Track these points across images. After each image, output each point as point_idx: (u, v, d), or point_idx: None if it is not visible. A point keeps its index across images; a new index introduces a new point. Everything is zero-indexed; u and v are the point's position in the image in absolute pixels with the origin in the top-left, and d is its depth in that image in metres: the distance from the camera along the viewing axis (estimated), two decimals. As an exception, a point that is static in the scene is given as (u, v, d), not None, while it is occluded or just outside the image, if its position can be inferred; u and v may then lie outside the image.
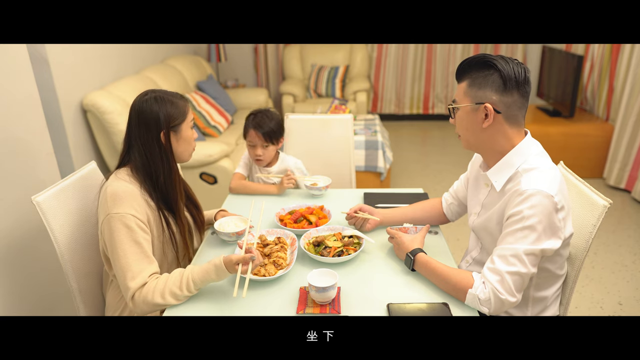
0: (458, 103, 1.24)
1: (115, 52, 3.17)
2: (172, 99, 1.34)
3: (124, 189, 1.27)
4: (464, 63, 1.22)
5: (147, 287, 1.20)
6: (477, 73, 1.19)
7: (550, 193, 1.11)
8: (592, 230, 1.27)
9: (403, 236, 1.36)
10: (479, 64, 1.19)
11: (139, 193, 1.30)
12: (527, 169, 1.17)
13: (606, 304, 2.32)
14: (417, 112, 5.61)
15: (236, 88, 5.03)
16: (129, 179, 1.32)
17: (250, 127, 1.89)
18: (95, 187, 1.56)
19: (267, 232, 1.49)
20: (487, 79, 1.17)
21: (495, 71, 1.16)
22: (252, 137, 1.89)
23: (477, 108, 1.19)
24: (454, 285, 1.19)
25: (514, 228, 1.13)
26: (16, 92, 1.64)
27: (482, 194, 1.33)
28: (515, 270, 1.11)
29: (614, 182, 3.55)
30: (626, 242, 2.87)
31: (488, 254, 1.32)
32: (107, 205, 1.26)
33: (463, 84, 1.22)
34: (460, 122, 1.26)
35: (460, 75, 1.23)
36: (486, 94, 1.18)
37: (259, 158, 1.91)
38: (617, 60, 3.67)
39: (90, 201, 1.52)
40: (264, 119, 1.88)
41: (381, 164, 3.21)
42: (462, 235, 2.91)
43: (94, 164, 1.60)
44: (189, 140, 1.40)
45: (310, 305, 1.18)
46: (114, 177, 1.32)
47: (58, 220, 1.36)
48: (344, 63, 5.24)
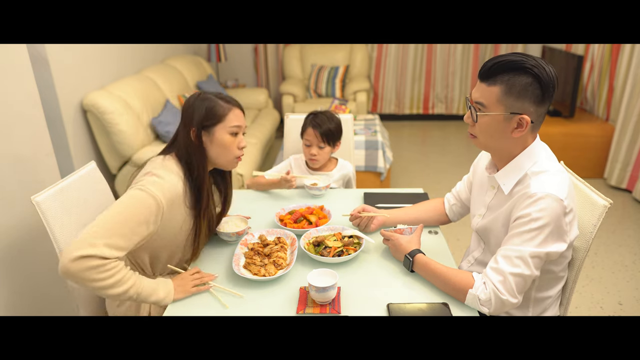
0: (488, 109, 1.14)
1: (115, 52, 3.17)
2: (217, 100, 1.33)
3: (170, 184, 1.24)
4: (496, 64, 1.12)
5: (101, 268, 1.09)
6: (514, 79, 1.10)
7: (560, 197, 1.10)
8: (593, 230, 1.27)
9: (399, 238, 1.36)
10: (516, 69, 1.10)
11: (181, 192, 1.28)
12: (536, 172, 1.16)
13: (606, 304, 2.32)
14: (417, 112, 5.61)
15: (236, 88, 5.03)
16: (177, 169, 1.29)
17: (309, 126, 1.90)
18: (94, 187, 1.56)
19: (267, 232, 1.49)
20: (527, 89, 1.10)
21: (534, 80, 1.09)
22: (310, 135, 1.90)
23: (511, 117, 1.13)
24: (453, 286, 1.18)
25: (521, 230, 1.12)
26: (16, 92, 1.64)
27: (488, 196, 1.31)
28: (518, 271, 1.11)
29: (615, 182, 3.55)
30: (626, 242, 2.87)
31: (492, 255, 1.32)
32: (143, 182, 1.21)
33: (496, 89, 1.12)
34: (484, 127, 1.17)
35: (490, 77, 1.13)
36: (524, 105, 1.12)
37: (314, 158, 1.92)
38: (617, 60, 3.67)
39: (90, 201, 1.51)
40: (324, 119, 1.89)
41: (381, 164, 3.20)
42: (462, 235, 2.91)
43: (94, 164, 1.60)
44: (225, 145, 1.34)
45: (310, 305, 1.18)
46: (163, 163, 1.29)
47: (58, 221, 1.36)
48: (344, 63, 5.24)
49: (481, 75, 1.15)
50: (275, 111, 4.81)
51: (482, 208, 1.33)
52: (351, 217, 1.55)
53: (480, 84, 1.16)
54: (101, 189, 1.61)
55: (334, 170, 2.00)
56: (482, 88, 1.15)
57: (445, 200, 1.59)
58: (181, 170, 1.31)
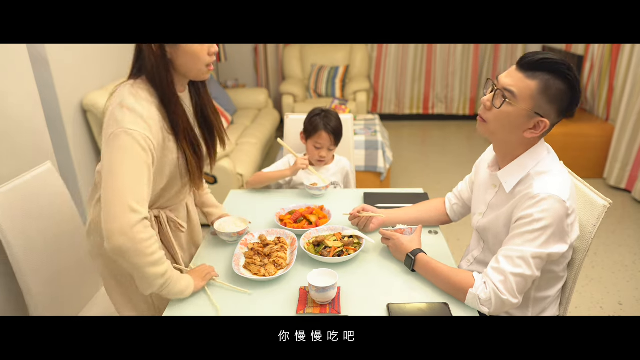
0: (518, 99, 1.11)
1: (115, 52, 3.17)
2: None
3: (142, 108, 1.14)
4: (543, 59, 1.08)
5: (150, 232, 1.10)
6: (554, 81, 1.08)
7: (563, 198, 1.10)
8: (592, 230, 1.27)
9: (401, 237, 1.36)
10: (558, 73, 1.08)
11: (157, 116, 1.17)
12: (539, 172, 1.16)
13: (606, 304, 2.32)
14: (417, 112, 5.61)
15: (236, 88, 5.03)
16: (148, 97, 1.17)
17: (321, 128, 1.85)
18: (48, 189, 1.52)
19: (267, 232, 1.49)
20: (562, 97, 1.09)
21: (569, 91, 1.09)
22: (323, 139, 1.86)
23: (532, 117, 1.12)
24: (454, 285, 1.18)
25: (523, 230, 1.12)
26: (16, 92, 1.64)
27: (489, 195, 1.31)
28: (520, 272, 1.11)
29: (614, 182, 3.55)
30: (626, 242, 2.87)
31: (491, 254, 1.32)
32: (118, 118, 1.11)
33: (533, 84, 1.09)
34: (503, 115, 1.14)
35: (532, 70, 1.10)
36: (552, 110, 1.11)
37: (322, 159, 1.91)
38: (617, 60, 3.67)
39: (44, 204, 1.48)
40: (331, 119, 1.86)
41: (381, 164, 3.20)
42: (462, 235, 2.91)
43: (49, 164, 1.56)
44: (193, 53, 1.19)
45: (310, 305, 1.18)
46: (131, 90, 1.16)
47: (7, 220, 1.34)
48: (344, 63, 5.24)
49: (523, 65, 1.11)
50: (275, 111, 4.81)
51: (482, 206, 1.33)
52: (350, 217, 1.55)
53: (516, 72, 1.12)
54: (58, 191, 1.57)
55: (332, 164, 2.01)
56: (519, 77, 1.11)
57: (446, 199, 1.59)
58: (152, 96, 1.19)
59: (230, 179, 3.03)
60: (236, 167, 3.14)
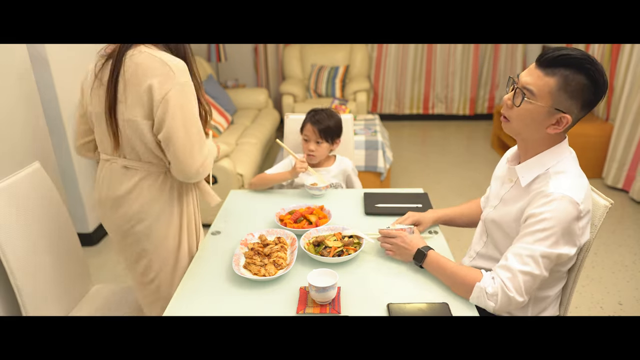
0: (537, 97, 1.11)
1: (115, 52, 3.16)
2: None
3: (181, 63, 1.27)
4: (561, 56, 1.07)
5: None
6: (573, 76, 1.07)
7: (576, 200, 1.10)
8: (593, 231, 1.27)
9: (407, 236, 1.37)
10: (578, 67, 1.07)
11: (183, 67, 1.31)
12: (557, 171, 1.16)
13: (606, 304, 2.32)
14: (417, 112, 5.61)
15: (236, 88, 5.03)
16: (166, 51, 1.30)
17: (308, 122, 1.95)
18: (38, 189, 1.51)
19: (267, 232, 1.49)
20: (584, 92, 1.08)
21: (592, 84, 1.07)
22: (308, 131, 1.94)
23: (553, 113, 1.11)
24: (462, 281, 1.18)
25: (534, 229, 1.12)
26: (16, 92, 1.64)
27: (503, 189, 1.31)
28: (528, 270, 1.11)
29: (611, 182, 3.55)
30: (626, 242, 2.87)
31: (494, 248, 1.32)
32: (170, 74, 1.23)
33: (552, 81, 1.09)
34: (524, 113, 1.14)
35: (550, 67, 1.09)
36: (573, 106, 1.10)
37: (311, 153, 1.95)
38: (617, 60, 3.67)
39: (33, 204, 1.48)
40: (323, 117, 1.94)
41: (381, 164, 3.20)
42: (463, 235, 2.91)
43: (38, 164, 1.56)
44: None
45: (310, 305, 1.18)
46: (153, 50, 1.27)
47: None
48: (344, 63, 5.24)
49: (541, 63, 1.11)
50: (275, 111, 4.81)
51: (495, 199, 1.34)
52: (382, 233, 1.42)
53: (535, 69, 1.12)
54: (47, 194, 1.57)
55: (333, 166, 2.02)
56: (537, 75, 1.11)
57: (480, 200, 1.60)
58: (169, 50, 1.32)
59: (230, 179, 3.04)
60: (236, 167, 3.14)
